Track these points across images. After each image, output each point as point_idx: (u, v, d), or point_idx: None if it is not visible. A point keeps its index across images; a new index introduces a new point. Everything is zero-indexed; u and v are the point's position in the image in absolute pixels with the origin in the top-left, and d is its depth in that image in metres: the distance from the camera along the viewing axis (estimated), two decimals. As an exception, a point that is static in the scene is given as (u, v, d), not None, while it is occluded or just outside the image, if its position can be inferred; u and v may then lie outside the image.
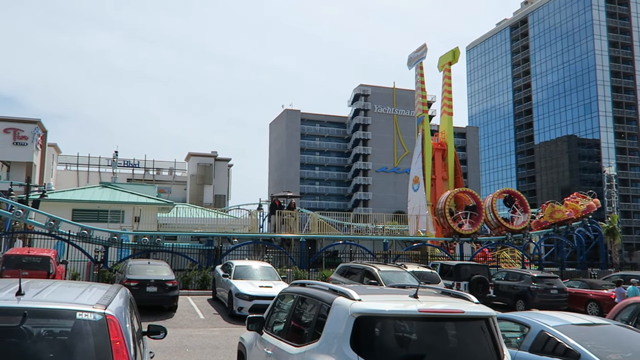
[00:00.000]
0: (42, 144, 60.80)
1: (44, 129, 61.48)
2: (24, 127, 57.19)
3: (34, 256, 17.77)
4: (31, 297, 4.25)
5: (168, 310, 17.16)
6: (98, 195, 31.37)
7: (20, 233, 26.62)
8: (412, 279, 18.18)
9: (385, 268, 18.76)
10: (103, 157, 79.85)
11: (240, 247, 26.19)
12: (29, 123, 57.91)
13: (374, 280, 17.54)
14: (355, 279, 18.66)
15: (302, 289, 6.43)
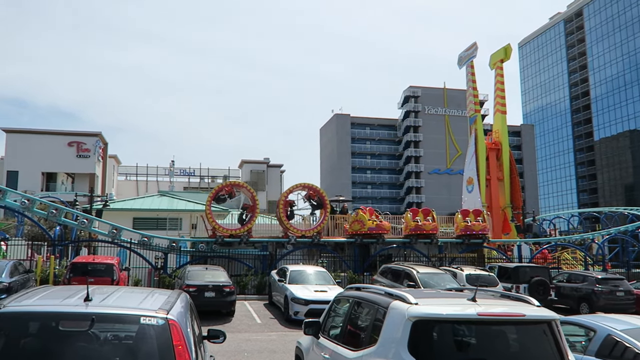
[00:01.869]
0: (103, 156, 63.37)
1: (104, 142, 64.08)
2: (86, 140, 59.84)
3: (98, 263, 18.47)
4: (98, 303, 4.42)
5: (226, 315, 17.46)
6: (157, 204, 32.35)
7: (85, 241, 27.76)
8: (453, 280, 17.82)
9: (424, 270, 18.50)
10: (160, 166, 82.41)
11: (294, 252, 26.38)
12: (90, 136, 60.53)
13: (412, 282, 17.33)
14: (396, 280, 18.57)
15: (358, 293, 6.41)
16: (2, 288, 16.14)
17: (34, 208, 24.33)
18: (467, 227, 28.10)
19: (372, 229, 26.33)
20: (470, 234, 28.15)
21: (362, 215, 26.93)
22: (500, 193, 38.73)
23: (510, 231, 37.31)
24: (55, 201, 26.11)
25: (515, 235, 36.86)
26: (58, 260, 23.27)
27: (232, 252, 25.46)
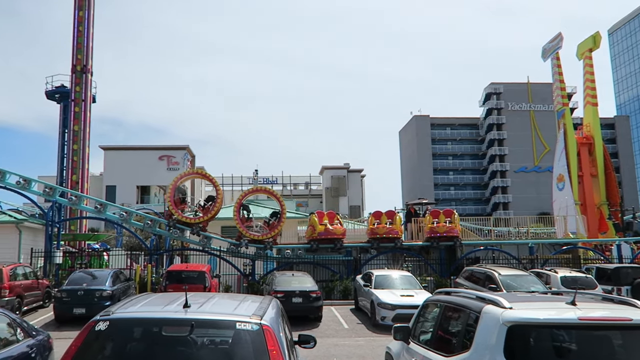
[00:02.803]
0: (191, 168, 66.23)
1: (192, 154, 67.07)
2: (175, 153, 62.92)
3: (191, 271, 19.31)
4: (196, 310, 4.63)
5: (313, 320, 17.66)
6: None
7: (178, 250, 29.09)
8: (538, 283, 16.96)
9: (507, 272, 17.75)
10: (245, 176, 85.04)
11: (379, 257, 26.26)
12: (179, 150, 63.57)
13: (494, 285, 16.69)
14: (477, 283, 17.99)
15: (448, 298, 6.29)
16: (106, 295, 17.28)
17: (131, 220, 25.87)
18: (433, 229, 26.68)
19: (321, 234, 25.44)
20: (437, 236, 26.48)
21: (314, 219, 26.30)
22: (594, 190, 36.54)
23: (608, 230, 35.07)
24: (149, 213, 27.59)
25: (613, 234, 34.61)
26: (154, 268, 24.55)
27: (317, 258, 25.75)
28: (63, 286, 17.94)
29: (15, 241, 22.90)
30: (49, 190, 25.04)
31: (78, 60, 33.33)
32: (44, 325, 16.81)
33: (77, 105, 33.12)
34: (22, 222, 23.47)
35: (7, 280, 18.12)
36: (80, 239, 30.82)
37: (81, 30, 33.39)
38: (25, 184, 25.10)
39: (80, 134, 32.74)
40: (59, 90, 37.95)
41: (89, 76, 33.71)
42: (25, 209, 33.67)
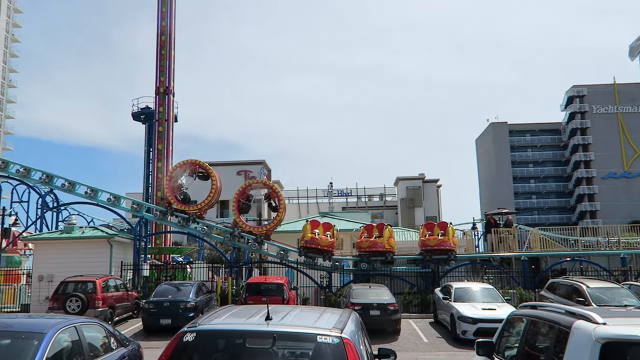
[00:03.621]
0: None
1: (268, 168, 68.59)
2: (252, 168, 64.63)
3: (270, 283, 19.68)
4: (278, 322, 4.73)
5: (391, 333, 17.46)
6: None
7: (256, 263, 29.73)
8: (632, 296, 15.80)
9: (596, 284, 16.67)
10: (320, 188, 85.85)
11: (458, 269, 25.61)
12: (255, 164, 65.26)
13: (582, 298, 15.73)
14: (564, 296, 17.08)
15: (534, 312, 6.03)
16: (190, 307, 17.94)
17: (212, 234, 26.77)
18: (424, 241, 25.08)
19: (307, 242, 24.84)
20: (429, 250, 24.86)
21: (306, 227, 25.61)
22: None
23: None
24: (228, 227, 28.43)
25: None
26: (234, 280, 25.22)
27: (393, 270, 25.48)
28: (150, 298, 18.81)
29: (107, 255, 24.26)
30: (136, 206, 26.42)
31: (161, 82, 35.08)
32: (134, 335, 17.67)
33: (161, 124, 34.81)
34: (113, 236, 24.84)
35: (101, 291, 19.26)
36: (165, 252, 32.21)
37: (163, 53, 35.16)
38: (115, 201, 26.65)
39: (164, 152, 34.34)
40: (144, 112, 40.12)
41: (171, 97, 35.37)
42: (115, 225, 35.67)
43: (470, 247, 29.86)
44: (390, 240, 25.11)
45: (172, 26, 35.92)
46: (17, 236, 28.27)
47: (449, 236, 25.13)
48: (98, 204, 27.18)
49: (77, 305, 18.77)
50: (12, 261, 28.01)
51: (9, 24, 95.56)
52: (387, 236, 25.14)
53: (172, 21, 36.07)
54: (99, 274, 21.29)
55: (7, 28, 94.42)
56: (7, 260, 27.21)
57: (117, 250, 24.95)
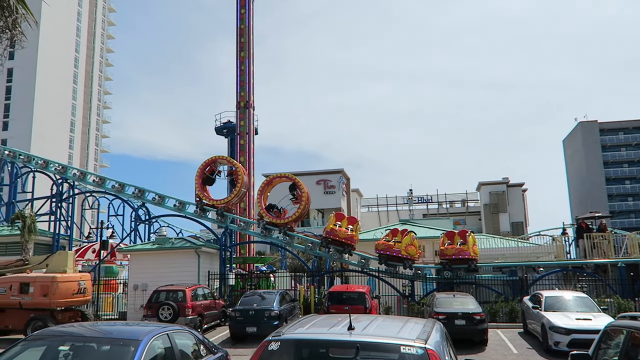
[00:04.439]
0: (346, 191, 68.02)
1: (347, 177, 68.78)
2: (331, 177, 65.07)
3: (352, 292, 19.66)
4: (360, 332, 4.71)
5: (478, 343, 16.89)
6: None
7: (338, 272, 29.83)
8: None
9: None
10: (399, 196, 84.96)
11: (548, 276, 24.41)
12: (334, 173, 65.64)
13: None
14: None
15: (635, 323, 5.63)
16: (274, 315, 18.29)
17: (293, 243, 27.19)
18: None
19: (328, 232, 25.09)
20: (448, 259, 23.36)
21: (331, 218, 25.77)
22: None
23: None
24: (309, 236, 28.82)
25: None
26: (316, 289, 25.44)
27: (479, 278, 24.69)
28: (236, 306, 19.35)
29: (195, 265, 25.26)
30: (221, 218, 27.34)
31: (241, 96, 36.27)
32: (221, 342, 18.25)
33: (242, 138, 35.96)
34: (200, 247, 25.85)
35: (190, 300, 20.07)
36: (249, 261, 33.08)
37: (243, 69, 36.37)
38: (201, 213, 27.72)
39: (246, 164, 35.36)
40: (226, 126, 41.62)
41: (251, 110, 36.47)
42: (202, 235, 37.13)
43: (560, 253, 28.42)
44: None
45: (250, 42, 37.08)
46: (114, 248, 30.08)
47: (469, 245, 24.27)
48: (186, 216, 28.42)
49: (169, 313, 19.66)
50: (110, 271, 29.84)
51: (103, 49, 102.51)
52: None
53: (250, 37, 37.25)
54: (188, 283, 22.20)
55: (101, 54, 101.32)
56: (106, 271, 29.00)
57: (204, 260, 25.91)
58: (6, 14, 4.80)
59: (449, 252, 24.30)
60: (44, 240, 28.72)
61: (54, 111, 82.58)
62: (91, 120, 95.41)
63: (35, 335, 6.58)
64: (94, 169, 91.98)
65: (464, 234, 25.13)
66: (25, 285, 19.64)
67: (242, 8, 37.47)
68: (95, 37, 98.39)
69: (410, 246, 24.60)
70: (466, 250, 24.08)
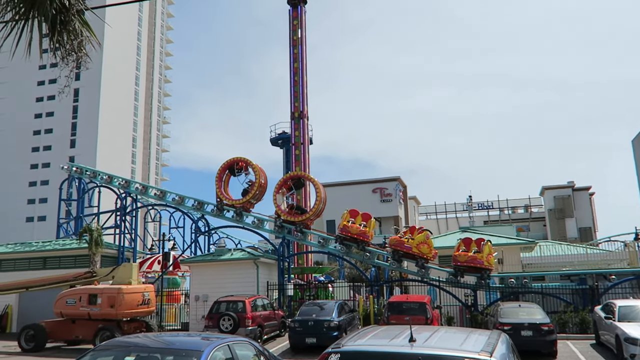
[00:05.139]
0: (403, 198, 67.33)
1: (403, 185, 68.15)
2: (387, 185, 64.62)
3: (412, 302, 19.37)
4: (422, 344, 4.62)
5: (547, 355, 16.25)
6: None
7: (397, 281, 29.51)
8: None
9: None
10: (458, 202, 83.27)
11: (621, 285, 23.22)
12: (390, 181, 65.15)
13: None
14: None
15: None
16: (333, 326, 18.26)
17: (351, 252, 27.11)
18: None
19: (341, 229, 25.62)
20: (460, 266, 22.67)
21: (344, 215, 26.15)
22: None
23: None
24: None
25: None
26: (375, 299, 25.23)
27: (545, 287, 23.81)
28: (296, 317, 19.45)
29: (254, 275, 25.62)
30: (278, 228, 27.65)
31: (295, 107, 36.71)
32: (281, 353, 18.35)
33: (297, 148, 36.34)
34: (258, 257, 26.20)
35: (250, 311, 20.35)
36: (307, 272, 33.24)
37: (297, 80, 36.82)
38: (259, 224, 28.15)
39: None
40: (281, 137, 42.18)
41: (306, 121, 36.82)
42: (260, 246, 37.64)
43: (634, 260, 27.02)
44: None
45: (303, 53, 37.52)
46: (175, 259, 30.95)
47: (484, 254, 23.75)
48: (244, 227, 28.90)
49: (230, 324, 19.99)
50: (173, 283, 30.69)
51: (162, 67, 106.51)
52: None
53: (304, 48, 37.70)
54: (248, 294, 22.52)
55: (160, 71, 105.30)
56: (169, 282, 29.85)
57: (263, 271, 26.24)
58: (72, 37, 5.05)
59: (461, 259, 24.24)
60: (110, 252, 29.87)
61: (117, 128, 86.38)
62: (152, 136, 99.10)
63: (103, 346, 6.84)
64: (155, 182, 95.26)
65: (480, 242, 24.78)
66: (94, 297, 20.45)
67: (295, 20, 38.06)
68: (154, 55, 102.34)
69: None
70: (479, 259, 23.85)
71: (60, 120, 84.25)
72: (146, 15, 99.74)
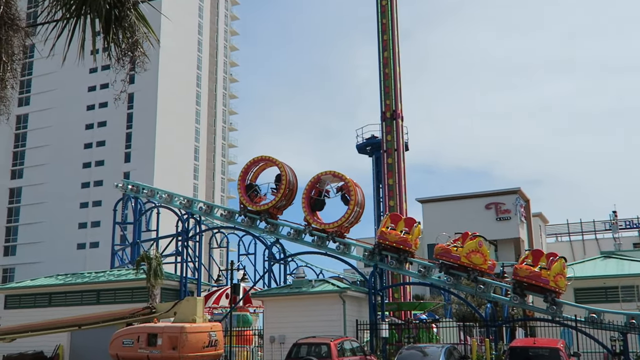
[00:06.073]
0: (525, 215, 65.14)
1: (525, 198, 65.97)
2: (504, 199, 62.81)
3: (540, 347, 18.63)
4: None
5: None
6: (601, 269, 31.02)
7: (520, 320, 28.55)
8: None
9: None
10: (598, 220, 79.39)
11: None
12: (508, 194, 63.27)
13: None
14: None
15: None
16: (440, 376, 17.89)
17: (460, 285, 26.54)
18: None
19: (378, 237, 26.81)
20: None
21: (385, 219, 27.28)
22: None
23: None
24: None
25: None
26: (492, 343, 24.50)
27: None
28: (393, 364, 19.25)
29: (340, 312, 25.64)
30: (368, 254, 27.60)
31: (387, 105, 36.61)
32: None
33: (390, 155, 36.14)
34: (345, 290, 26.22)
35: (336, 356, 20.36)
36: (405, 308, 32.87)
37: (387, 72, 36.77)
38: (345, 249, 28.23)
39: (396, 188, 35.43)
40: (370, 142, 42.25)
41: (400, 122, 36.58)
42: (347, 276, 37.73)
43: None
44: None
45: (395, 39, 37.44)
46: (246, 292, 31.61)
47: (552, 272, 23.14)
48: (327, 254, 29.08)
49: (312, 371, 20.09)
50: (244, 320, 31.33)
51: (227, 64, 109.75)
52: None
53: (395, 33, 37.61)
54: (333, 335, 22.55)
55: (225, 69, 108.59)
56: (239, 320, 30.51)
57: (351, 307, 26.21)
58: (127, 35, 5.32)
59: (522, 273, 23.87)
60: (171, 284, 30.97)
61: (176, 138, 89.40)
62: (216, 145, 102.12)
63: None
64: (220, 200, 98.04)
65: (550, 256, 24.22)
66: (153, 337, 21.22)
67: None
68: (218, 51, 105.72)
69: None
70: (544, 277, 23.24)
71: (113, 130, 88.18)
72: (207, 4, 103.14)
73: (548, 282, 23.48)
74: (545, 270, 23.67)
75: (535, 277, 23.76)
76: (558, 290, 23.71)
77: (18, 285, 34.96)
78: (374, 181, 42.23)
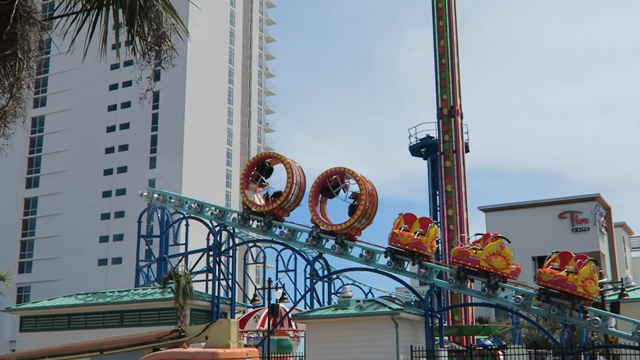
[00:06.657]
0: (606, 226, 63.79)
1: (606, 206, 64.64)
2: (580, 207, 61.67)
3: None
4: None
5: None
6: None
7: (601, 347, 27.91)
8: None
9: None
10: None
11: None
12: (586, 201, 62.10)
13: None
14: None
15: None
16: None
17: (530, 305, 26.07)
18: None
19: (390, 239, 27.16)
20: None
21: (398, 220, 27.35)
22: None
23: None
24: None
25: None
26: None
27: None
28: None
29: (392, 336, 25.45)
30: (425, 271, 27.37)
31: (444, 101, 36.31)
32: None
33: (448, 158, 35.82)
34: (398, 312, 26.03)
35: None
36: (467, 332, 32.50)
37: (444, 63, 36.51)
38: (397, 266, 28.05)
39: (455, 195, 35.07)
40: (424, 143, 41.94)
41: (459, 119, 36.23)
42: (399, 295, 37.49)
43: None
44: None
45: (452, 25, 37.15)
46: (285, 314, 31.67)
47: (579, 277, 22.94)
48: (376, 270, 28.93)
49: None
50: (282, 345, 31.40)
51: (262, 57, 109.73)
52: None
53: (453, 18, 37.32)
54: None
55: (260, 62, 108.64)
56: (278, 345, 30.58)
57: (404, 330, 26.03)
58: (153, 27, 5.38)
59: (545, 278, 23.87)
60: (202, 305, 31.15)
61: (206, 141, 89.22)
62: (251, 149, 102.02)
63: None
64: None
65: (579, 258, 24.08)
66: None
67: (440, -20, 37.78)
68: (252, 42, 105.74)
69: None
70: (571, 282, 23.11)
71: (137, 133, 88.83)
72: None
73: (575, 287, 23.31)
74: (572, 275, 23.45)
75: (560, 282, 23.64)
76: (587, 297, 23.47)
77: (34, 306, 35.54)
78: (430, 187, 41.89)
